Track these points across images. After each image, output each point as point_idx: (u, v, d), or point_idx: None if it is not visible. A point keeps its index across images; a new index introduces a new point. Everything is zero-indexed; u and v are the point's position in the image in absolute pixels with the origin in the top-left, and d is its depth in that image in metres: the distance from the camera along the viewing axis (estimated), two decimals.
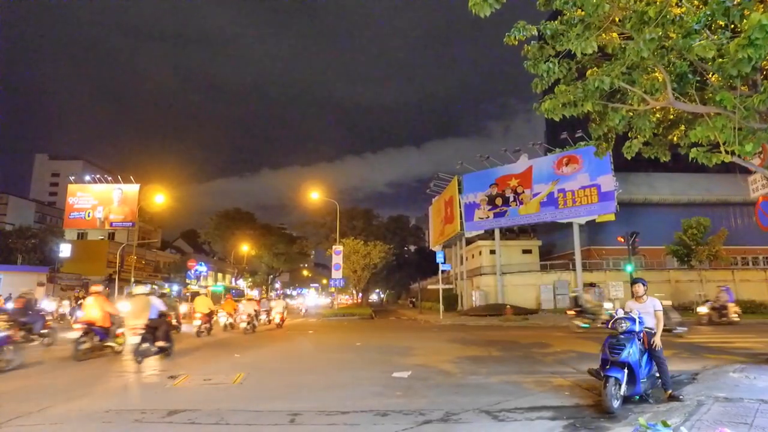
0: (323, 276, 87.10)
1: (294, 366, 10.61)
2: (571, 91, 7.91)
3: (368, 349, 13.52)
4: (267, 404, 6.47)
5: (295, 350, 13.80)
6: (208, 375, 8.82)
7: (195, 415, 5.83)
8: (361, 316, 33.36)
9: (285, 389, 7.69)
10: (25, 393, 7.38)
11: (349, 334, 19.65)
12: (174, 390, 7.66)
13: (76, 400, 6.90)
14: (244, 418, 5.72)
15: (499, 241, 37.52)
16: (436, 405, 6.30)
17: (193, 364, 10.44)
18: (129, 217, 50.86)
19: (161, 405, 6.37)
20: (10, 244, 43.90)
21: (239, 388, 7.84)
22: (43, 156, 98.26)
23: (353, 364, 10.49)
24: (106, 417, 5.91)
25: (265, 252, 62.44)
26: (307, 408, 6.16)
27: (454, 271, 45.94)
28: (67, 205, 52.46)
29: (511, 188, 35.54)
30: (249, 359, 11.38)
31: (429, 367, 9.65)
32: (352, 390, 7.47)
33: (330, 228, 45.82)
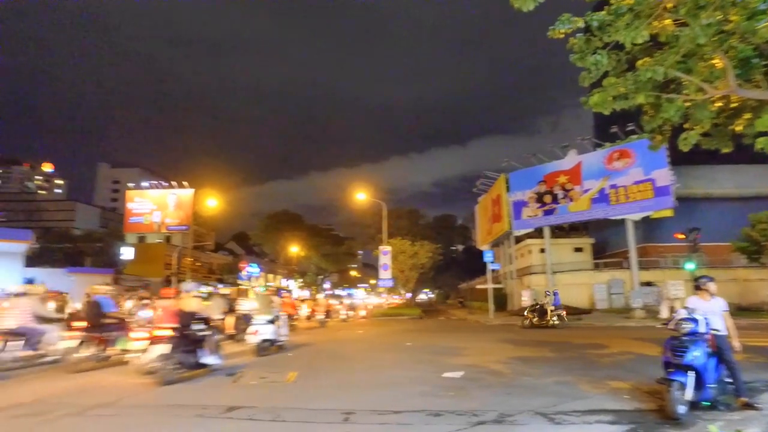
0: (371, 276, 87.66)
1: (345, 365, 10.76)
2: (622, 84, 7.62)
3: (418, 349, 13.52)
4: (320, 402, 6.61)
5: (345, 350, 13.97)
6: (264, 373, 9.09)
7: (252, 412, 6.04)
8: (410, 316, 33.37)
9: (337, 388, 7.83)
10: (104, 387, 7.85)
11: (398, 334, 19.71)
12: (232, 387, 7.96)
13: (143, 394, 7.33)
14: (299, 416, 5.88)
15: (549, 240, 36.59)
16: (488, 406, 6.25)
17: (249, 362, 10.77)
18: (184, 221, 52.99)
19: (221, 401, 6.63)
20: (79, 248, 46.70)
21: (293, 386, 8.05)
22: (104, 165, 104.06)
23: (404, 364, 10.54)
24: (170, 410, 6.27)
25: (314, 253, 63.50)
26: (359, 407, 6.25)
27: (503, 270, 45.21)
28: (126, 210, 55.28)
29: (560, 185, 34.60)
30: (301, 358, 11.64)
31: (480, 368, 9.57)
32: (403, 390, 7.52)
33: (376, 228, 46.01)
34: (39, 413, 6.08)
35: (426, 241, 46.60)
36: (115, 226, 65.14)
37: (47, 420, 5.79)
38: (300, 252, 63.51)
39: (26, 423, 5.71)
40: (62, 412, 6.13)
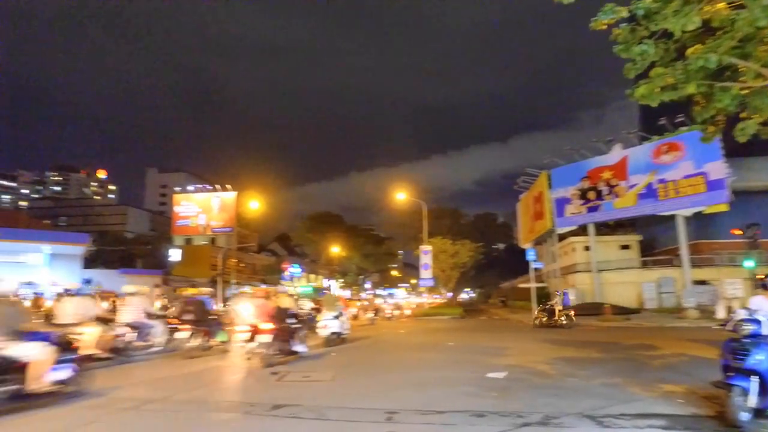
0: (412, 276, 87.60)
1: (386, 365, 10.77)
2: (670, 74, 7.26)
3: (461, 349, 13.41)
4: (363, 402, 6.64)
5: (386, 350, 14.02)
6: (307, 372, 9.22)
7: (297, 410, 6.13)
8: (451, 316, 33.14)
9: (379, 387, 7.85)
10: (158, 383, 8.16)
11: (440, 333, 19.61)
12: (277, 385, 8.10)
13: (195, 390, 7.58)
14: (343, 415, 5.92)
15: (594, 237, 35.56)
16: (533, 407, 6.12)
17: (292, 361, 10.95)
18: (228, 223, 54.49)
19: (267, 399, 6.75)
20: (131, 250, 48.79)
21: (336, 385, 8.13)
22: (153, 170, 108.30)
23: (446, 364, 10.47)
24: (219, 407, 6.48)
25: (354, 253, 64.02)
26: (402, 407, 6.24)
27: (546, 268, 44.28)
28: (173, 214, 57.33)
29: (605, 181, 33.53)
30: (343, 358, 11.73)
31: (524, 368, 9.39)
32: (446, 390, 7.46)
33: (417, 228, 45.95)
34: (105, 405, 6.37)
35: (467, 240, 46.22)
36: (164, 229, 67.65)
37: (118, 411, 6.06)
38: (341, 252, 64.16)
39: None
40: (121, 406, 6.39)
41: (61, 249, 35.10)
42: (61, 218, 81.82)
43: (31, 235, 38.64)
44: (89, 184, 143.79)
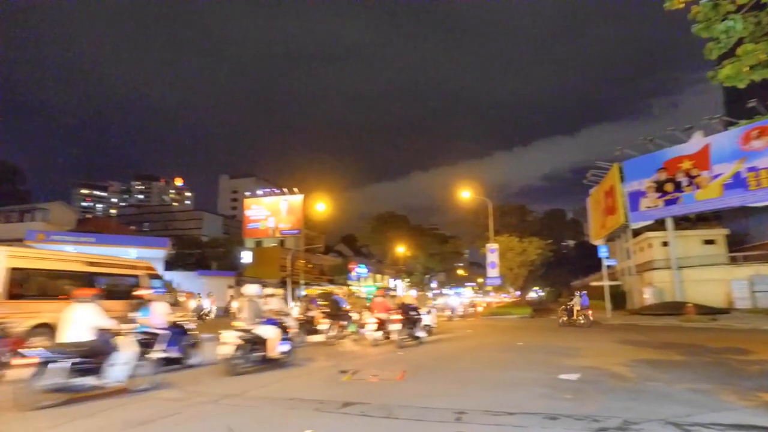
0: (479, 275, 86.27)
1: (454, 364, 10.66)
2: (762, 50, 6.62)
3: (531, 349, 13.04)
4: (432, 401, 6.59)
5: (454, 349, 13.86)
6: (375, 371, 9.30)
7: (366, 408, 6.18)
8: (520, 315, 32.34)
9: (448, 387, 7.77)
10: (238, 379, 8.55)
11: (508, 333, 19.19)
12: (345, 383, 8.23)
13: (268, 386, 7.83)
14: (412, 414, 5.91)
15: (673, 232, 33.33)
16: (610, 411, 5.81)
17: (360, 360, 11.09)
18: (296, 225, 56.10)
19: (336, 397, 6.87)
20: (206, 253, 51.45)
21: (404, 384, 8.13)
22: (224, 176, 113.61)
23: (516, 364, 10.20)
24: (290, 404, 6.63)
25: (420, 252, 63.92)
26: (471, 407, 6.14)
27: (620, 266, 42.12)
28: (245, 217, 59.78)
29: (684, 171, 31.33)
30: (411, 357, 11.73)
31: (599, 370, 8.97)
32: (516, 390, 7.27)
33: (482, 226, 45.15)
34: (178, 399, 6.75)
35: (535, 238, 44.79)
36: (236, 233, 70.65)
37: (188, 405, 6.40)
38: (406, 252, 64.28)
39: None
40: (197, 400, 6.74)
41: (145, 253, 37.58)
42: (144, 224, 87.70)
43: (121, 240, 41.88)
44: (168, 191, 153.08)
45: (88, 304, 7.05)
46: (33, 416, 5.93)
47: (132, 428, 5.47)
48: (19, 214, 52.30)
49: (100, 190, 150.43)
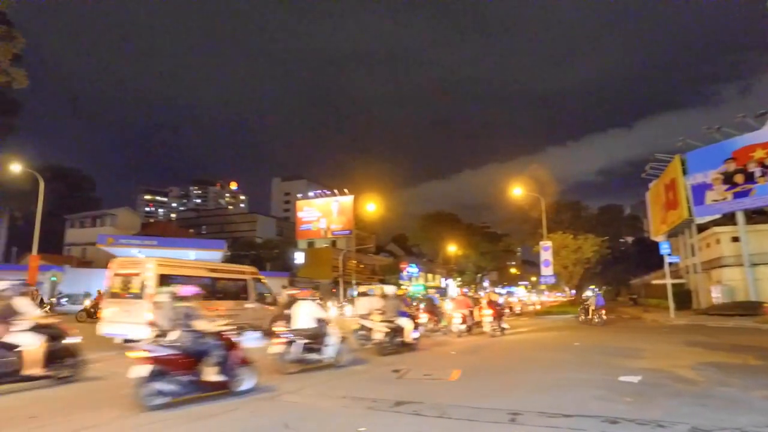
0: (532, 273, 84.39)
1: (508, 364, 10.49)
2: None
3: (587, 350, 12.62)
4: (485, 401, 6.52)
5: (507, 349, 13.63)
6: (428, 370, 9.28)
7: (419, 407, 6.18)
8: (576, 315, 31.32)
9: (501, 387, 7.65)
10: (296, 376, 8.77)
11: (564, 332, 18.66)
12: (398, 382, 8.27)
13: (321, 384, 7.98)
14: (465, 414, 5.86)
15: (745, 226, 31.21)
16: (677, 417, 5.52)
17: (412, 360, 11.08)
18: (347, 226, 56.82)
19: (389, 396, 6.91)
20: (260, 255, 53.03)
21: (457, 384, 8.08)
22: (277, 179, 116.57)
23: (571, 365, 9.91)
24: (343, 402, 6.72)
25: (471, 251, 63.24)
26: (526, 408, 6.02)
27: (683, 263, 39.97)
28: (297, 219, 61.13)
29: (757, 161, 29.23)
30: (464, 356, 11.63)
31: (663, 372, 8.56)
32: (572, 392, 7.06)
33: (535, 224, 44.09)
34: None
35: (590, 235, 43.25)
36: (289, 234, 72.37)
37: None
38: (457, 251, 63.76)
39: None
40: (255, 396, 6.96)
41: (203, 254, 39.12)
42: (202, 227, 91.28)
43: (181, 242, 43.82)
44: (224, 195, 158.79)
45: (310, 302, 9.76)
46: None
47: (195, 421, 5.73)
48: (92, 220, 55.88)
49: (162, 195, 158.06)
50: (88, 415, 5.96)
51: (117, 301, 13.28)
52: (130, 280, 13.36)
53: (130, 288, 13.28)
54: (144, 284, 12.84)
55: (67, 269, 40.11)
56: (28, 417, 5.91)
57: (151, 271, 13.10)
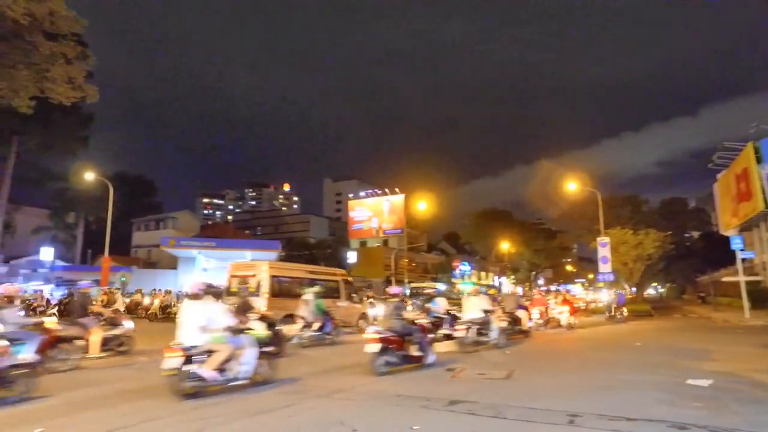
0: (589, 270, 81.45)
1: (565, 364, 10.19)
2: None
3: (651, 350, 12.07)
4: (541, 402, 6.35)
5: (564, 348, 13.25)
6: (482, 369, 9.15)
7: (473, 407, 6.11)
8: (636, 313, 30.01)
9: (558, 388, 7.44)
10: (342, 374, 8.92)
11: (625, 332, 17.93)
12: (452, 381, 8.21)
13: (377, 382, 8.04)
14: (520, 414, 5.74)
15: None
16: (755, 425, 5.13)
17: (467, 358, 10.96)
18: (398, 225, 56.95)
19: (443, 394, 6.86)
20: (314, 254, 54.09)
21: (512, 383, 7.93)
22: (328, 180, 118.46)
23: (632, 366, 9.50)
24: (397, 400, 6.73)
25: (525, 248, 61.88)
26: (585, 409, 5.81)
27: (759, 258, 37.34)
28: (349, 219, 61.86)
29: None
30: (519, 355, 11.40)
31: (737, 377, 8.03)
32: (635, 395, 6.77)
33: (591, 219, 42.55)
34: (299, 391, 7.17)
35: (651, 229, 41.27)
36: (341, 234, 73.34)
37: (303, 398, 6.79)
38: (510, 248, 62.53)
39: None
40: (312, 393, 7.11)
41: (259, 255, 40.31)
42: (257, 228, 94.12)
43: (238, 244, 45.36)
44: (277, 196, 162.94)
45: (481, 295, 11.96)
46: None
47: (250, 417, 5.91)
48: (155, 223, 58.87)
49: (219, 198, 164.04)
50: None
51: (235, 300, 14.76)
52: (246, 281, 15.31)
53: (248, 288, 15.09)
54: (260, 284, 14.83)
55: (135, 270, 42.49)
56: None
57: (266, 272, 15.11)
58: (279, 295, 15.29)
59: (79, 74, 22.68)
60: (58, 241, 53.18)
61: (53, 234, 53.71)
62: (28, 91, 21.92)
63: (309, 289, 13.72)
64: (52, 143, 37.84)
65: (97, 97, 23.83)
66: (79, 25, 21.89)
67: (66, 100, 22.75)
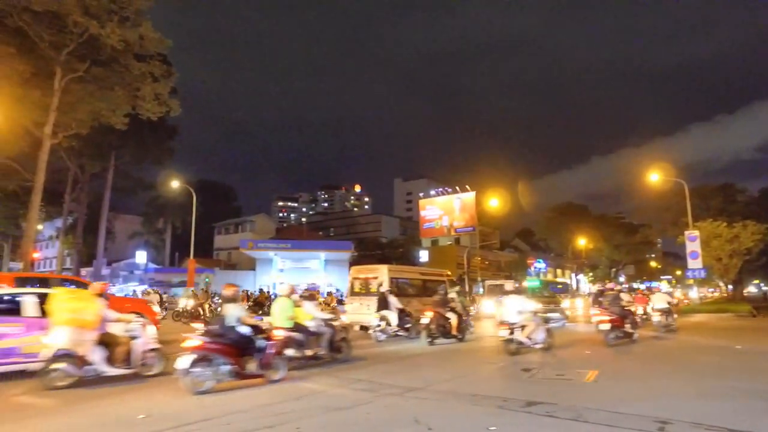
0: (676, 266, 76.04)
1: (654, 367, 9.56)
2: None
3: (754, 355, 11.08)
4: (627, 407, 5.99)
5: (653, 350, 12.43)
6: (560, 370, 8.81)
7: (552, 409, 5.90)
8: (735, 313, 27.60)
9: (646, 393, 6.99)
10: (416, 373, 8.94)
11: (721, 334, 16.54)
12: (529, 382, 7.97)
13: (452, 381, 8.01)
14: (604, 418, 5.45)
15: None
16: None
17: (544, 357, 10.60)
18: (469, 223, 56.18)
19: (520, 395, 6.68)
20: (386, 254, 54.65)
21: (594, 386, 7.56)
22: (398, 180, 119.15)
23: (732, 372, 8.75)
24: (473, 400, 6.63)
25: (604, 244, 58.90)
26: (677, 416, 5.42)
27: None
28: (420, 218, 61.83)
29: None
30: (601, 356, 10.86)
31: None
32: (735, 403, 6.23)
33: (677, 212, 39.64)
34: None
35: (750, 221, 37.73)
36: (412, 233, 73.48)
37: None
38: (588, 244, 59.72)
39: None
40: (387, 392, 7.18)
41: (332, 256, 41.39)
42: (330, 229, 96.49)
43: (312, 245, 46.75)
44: (349, 198, 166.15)
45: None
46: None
47: (330, 413, 6.05)
48: (234, 226, 62.01)
49: (292, 201, 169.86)
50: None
51: (358, 299, 17.32)
52: (368, 283, 17.30)
53: (369, 288, 17.09)
54: (381, 285, 16.33)
55: (217, 271, 44.96)
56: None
57: (386, 275, 17.04)
58: (398, 294, 16.39)
59: (164, 90, 24.50)
60: (150, 245, 57.66)
61: (145, 239, 58.26)
62: (123, 109, 24.04)
63: (452, 288, 15.45)
64: (143, 155, 41.15)
65: (179, 110, 25.59)
66: (164, 45, 23.69)
67: (153, 115, 24.71)
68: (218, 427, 5.39)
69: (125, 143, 37.16)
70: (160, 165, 43.79)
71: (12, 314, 8.22)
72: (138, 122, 27.46)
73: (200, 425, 5.43)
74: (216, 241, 62.26)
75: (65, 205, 40.35)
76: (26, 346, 8.02)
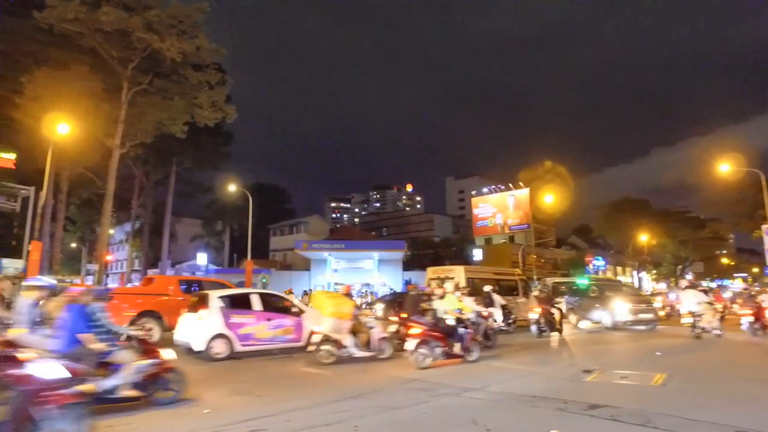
0: (753, 263, 71.07)
1: (730, 372, 8.98)
2: None
3: None
4: (699, 413, 5.67)
5: (728, 353, 11.68)
6: (624, 372, 8.44)
7: (616, 413, 5.67)
8: None
9: (720, 399, 6.58)
10: (471, 374, 8.84)
11: None
12: (590, 384, 7.69)
13: (511, 381, 7.91)
14: (674, 424, 5.17)
15: None
16: None
17: (605, 359, 10.20)
18: (524, 220, 54.86)
19: (581, 398, 6.46)
20: (439, 253, 54.32)
21: (661, 390, 7.18)
22: (450, 178, 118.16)
23: None
24: (533, 401, 6.48)
25: (668, 240, 55.87)
26: (756, 425, 5.06)
27: None
28: (473, 216, 61.02)
29: None
30: (669, 358, 10.31)
31: None
32: None
33: (752, 204, 37.00)
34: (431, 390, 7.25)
35: None
36: (465, 231, 72.54)
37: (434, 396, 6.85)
38: (650, 240, 56.84)
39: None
40: (442, 391, 7.13)
41: (385, 255, 41.54)
42: (383, 229, 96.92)
43: (365, 245, 47.11)
44: (401, 197, 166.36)
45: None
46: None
47: (387, 411, 6.11)
48: (289, 228, 63.52)
49: (345, 202, 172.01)
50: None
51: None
52: (444, 282, 17.48)
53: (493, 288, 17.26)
54: (458, 284, 16.60)
55: (273, 272, 46.16)
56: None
57: (463, 275, 17.92)
58: (473, 294, 16.98)
59: (220, 97, 25.52)
60: (210, 247, 60.08)
61: (206, 241, 60.77)
62: (182, 118, 25.23)
63: (486, 287, 16.07)
64: (202, 161, 42.96)
65: (234, 115, 26.55)
66: (219, 54, 24.71)
67: (210, 121, 25.80)
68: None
69: (185, 150, 38.90)
70: (218, 170, 45.61)
71: (246, 308, 10.85)
72: (196, 130, 28.74)
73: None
74: (272, 242, 63.87)
75: (133, 211, 43.07)
76: (258, 333, 10.72)
